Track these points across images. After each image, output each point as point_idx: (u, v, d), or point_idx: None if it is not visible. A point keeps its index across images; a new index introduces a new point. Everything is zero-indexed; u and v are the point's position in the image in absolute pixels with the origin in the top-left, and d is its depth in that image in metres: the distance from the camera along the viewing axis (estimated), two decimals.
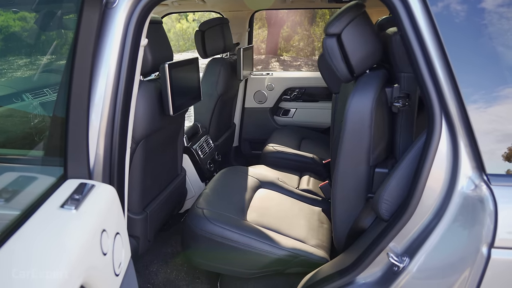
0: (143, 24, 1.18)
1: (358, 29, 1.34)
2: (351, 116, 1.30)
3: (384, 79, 1.39)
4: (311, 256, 1.57)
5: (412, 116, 1.39)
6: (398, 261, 1.06)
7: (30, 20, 1.40)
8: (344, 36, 1.32)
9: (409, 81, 1.36)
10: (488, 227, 0.91)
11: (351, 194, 1.41)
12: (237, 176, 2.06)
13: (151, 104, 1.61)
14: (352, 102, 1.30)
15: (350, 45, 1.33)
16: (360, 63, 1.36)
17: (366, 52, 1.36)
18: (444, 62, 0.97)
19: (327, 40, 1.35)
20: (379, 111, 1.34)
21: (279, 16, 8.90)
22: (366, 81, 1.34)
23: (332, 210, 1.47)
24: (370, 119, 1.29)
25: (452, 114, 0.98)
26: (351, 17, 1.33)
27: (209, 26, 2.47)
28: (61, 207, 0.81)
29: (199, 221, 1.62)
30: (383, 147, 1.43)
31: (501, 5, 0.99)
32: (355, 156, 1.35)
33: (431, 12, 0.98)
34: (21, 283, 0.63)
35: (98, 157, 1.09)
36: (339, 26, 1.32)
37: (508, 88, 0.97)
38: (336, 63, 1.37)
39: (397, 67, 1.38)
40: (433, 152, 1.01)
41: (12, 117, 1.49)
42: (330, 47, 1.35)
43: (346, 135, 1.33)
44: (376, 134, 1.33)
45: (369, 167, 1.37)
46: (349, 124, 1.31)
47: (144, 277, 2.00)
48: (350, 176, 1.39)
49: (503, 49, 0.98)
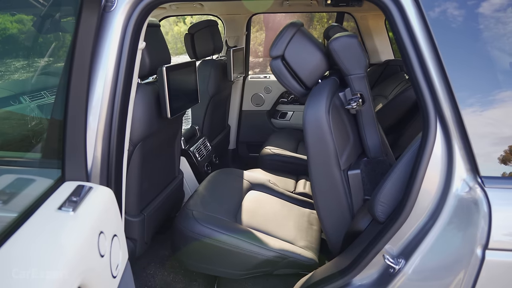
0: (141, 27, 1.19)
1: (299, 46, 1.42)
2: (308, 127, 1.34)
3: (335, 85, 1.44)
4: (299, 257, 1.59)
5: (371, 112, 1.44)
6: (394, 262, 1.06)
7: (27, 22, 1.40)
8: (287, 55, 1.41)
9: (357, 81, 1.40)
10: (483, 229, 0.92)
11: (331, 201, 1.44)
12: (228, 178, 2.08)
13: (148, 106, 1.61)
14: (306, 113, 1.33)
15: (294, 62, 1.42)
16: (309, 76, 1.44)
17: (312, 64, 1.42)
18: (438, 65, 0.98)
19: (273, 63, 1.44)
20: (336, 116, 1.37)
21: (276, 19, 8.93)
22: (317, 91, 1.38)
23: (320, 220, 1.49)
24: (328, 126, 1.32)
25: (446, 117, 0.99)
26: (289, 36, 1.41)
27: (198, 28, 2.50)
28: (59, 209, 0.81)
29: (188, 223, 1.63)
30: (351, 149, 1.46)
31: (496, 9, 1.00)
32: (324, 164, 1.37)
33: (425, 16, 0.99)
34: (19, 284, 0.63)
35: (95, 159, 1.09)
36: (281, 47, 1.41)
37: (502, 92, 0.98)
38: (287, 82, 1.45)
39: (344, 71, 1.42)
40: (428, 155, 1.02)
41: (10, 120, 1.49)
42: (278, 68, 1.44)
43: (310, 146, 1.36)
44: (339, 138, 1.37)
45: (341, 172, 1.39)
46: (309, 135, 1.35)
47: (141, 279, 2.00)
48: (325, 185, 1.41)
49: (497, 52, 0.99)
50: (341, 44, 1.38)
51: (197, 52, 2.50)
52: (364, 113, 1.46)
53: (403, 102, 2.50)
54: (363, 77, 1.40)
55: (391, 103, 2.57)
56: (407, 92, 2.48)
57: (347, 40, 1.38)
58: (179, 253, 1.70)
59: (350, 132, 1.48)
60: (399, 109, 2.51)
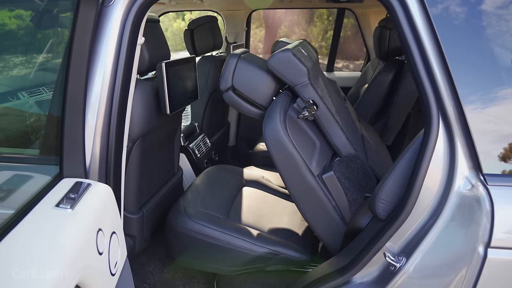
0: (140, 23, 1.18)
1: (244, 73, 1.49)
2: (269, 144, 1.38)
3: (286, 99, 1.48)
4: (291, 254, 1.59)
5: (328, 114, 1.48)
6: (395, 260, 1.06)
7: (26, 18, 1.38)
8: (236, 85, 1.49)
9: (304, 90, 1.45)
10: (485, 227, 0.91)
11: (315, 208, 1.45)
12: (222, 175, 2.08)
13: (147, 103, 1.60)
14: (264, 132, 1.39)
15: (244, 88, 1.49)
16: (262, 97, 1.49)
17: (261, 86, 1.48)
18: (442, 62, 0.97)
19: (225, 96, 1.53)
20: (295, 127, 1.42)
21: (276, 15, 8.90)
22: (270, 108, 1.44)
23: (312, 228, 1.50)
24: (288, 139, 1.35)
25: (449, 114, 0.98)
26: (233, 67, 1.49)
27: (198, 24, 2.48)
28: (57, 206, 0.80)
29: (180, 219, 1.63)
30: (320, 153, 1.49)
31: (499, 7, 0.99)
32: (296, 175, 1.40)
33: (429, 13, 0.98)
34: (18, 283, 0.62)
35: (94, 156, 1.08)
36: (228, 80, 1.49)
37: (505, 89, 0.97)
38: (243, 109, 1.53)
39: (289, 84, 1.47)
40: (430, 152, 1.01)
41: (8, 116, 1.48)
42: (231, 99, 1.52)
43: (277, 162, 1.40)
44: (304, 147, 1.40)
45: (315, 177, 1.41)
46: (273, 152, 1.38)
47: (140, 276, 1.99)
48: (304, 194, 1.43)
49: (500, 50, 0.98)
50: (277, 61, 1.43)
51: (196, 48, 2.49)
52: (321, 117, 1.49)
53: (379, 87, 2.52)
54: (308, 84, 1.45)
55: (368, 91, 2.58)
56: (380, 76, 2.51)
57: (281, 55, 1.42)
58: (171, 249, 1.71)
59: (314, 138, 1.52)
60: (378, 94, 2.55)
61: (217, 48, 2.80)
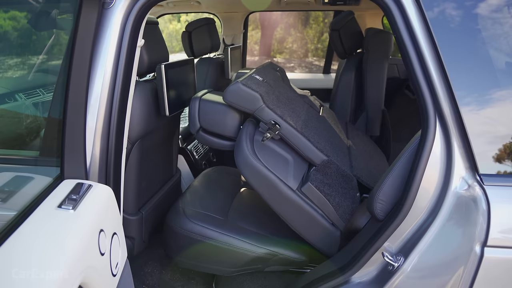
0: (140, 25, 1.18)
1: (207, 112, 1.59)
2: (243, 171, 1.44)
3: (251, 125, 1.56)
4: (289, 255, 1.60)
5: (291, 129, 1.52)
6: (393, 260, 1.07)
7: (23, 19, 1.38)
8: (203, 125, 1.60)
9: (262, 113, 1.51)
10: (481, 227, 0.93)
11: (303, 221, 1.48)
12: (220, 176, 2.09)
13: (147, 104, 1.60)
14: (236, 161, 1.46)
15: (212, 126, 1.59)
16: (230, 129, 1.59)
17: (225, 119, 1.58)
18: (438, 64, 0.99)
19: (197, 137, 1.63)
20: (264, 149, 1.49)
21: (272, 17, 8.92)
22: (237, 139, 1.52)
23: (306, 240, 1.52)
24: (259, 162, 1.42)
25: (446, 116, 0.99)
26: (196, 110, 1.59)
27: (196, 26, 2.49)
28: (59, 207, 0.81)
29: (179, 220, 1.64)
30: (295, 168, 1.53)
31: (494, 10, 1.01)
32: (276, 194, 1.44)
33: (425, 16, 0.99)
34: (21, 283, 0.63)
35: (94, 157, 1.08)
36: (195, 123, 1.60)
37: (500, 90, 0.99)
38: (216, 145, 1.63)
39: (248, 112, 1.54)
40: (427, 153, 1.02)
41: (5, 118, 1.48)
42: (203, 139, 1.63)
43: (255, 186, 1.45)
44: (277, 166, 1.46)
45: (295, 192, 1.45)
46: (248, 178, 1.44)
47: (139, 278, 1.99)
48: (289, 211, 1.47)
49: (495, 52, 1.00)
50: (230, 94, 1.51)
51: (194, 50, 2.49)
52: (286, 133, 1.53)
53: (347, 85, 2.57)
54: (264, 107, 1.50)
55: (339, 92, 2.62)
56: (344, 75, 2.56)
57: (232, 88, 1.51)
58: (170, 251, 1.71)
59: (286, 154, 1.56)
60: (348, 93, 2.59)
61: (215, 50, 2.80)
